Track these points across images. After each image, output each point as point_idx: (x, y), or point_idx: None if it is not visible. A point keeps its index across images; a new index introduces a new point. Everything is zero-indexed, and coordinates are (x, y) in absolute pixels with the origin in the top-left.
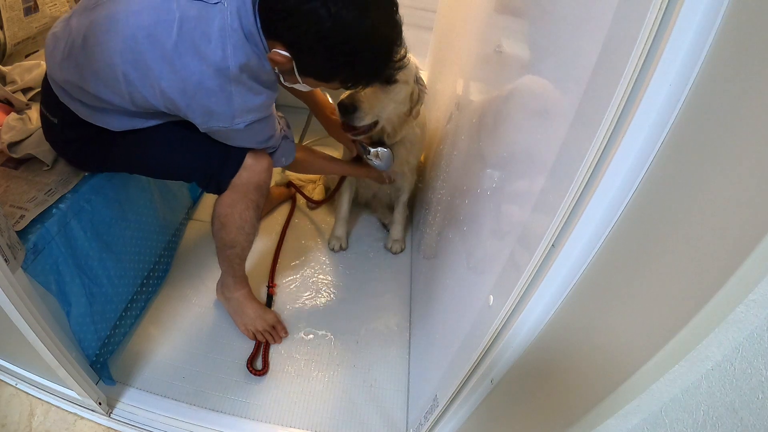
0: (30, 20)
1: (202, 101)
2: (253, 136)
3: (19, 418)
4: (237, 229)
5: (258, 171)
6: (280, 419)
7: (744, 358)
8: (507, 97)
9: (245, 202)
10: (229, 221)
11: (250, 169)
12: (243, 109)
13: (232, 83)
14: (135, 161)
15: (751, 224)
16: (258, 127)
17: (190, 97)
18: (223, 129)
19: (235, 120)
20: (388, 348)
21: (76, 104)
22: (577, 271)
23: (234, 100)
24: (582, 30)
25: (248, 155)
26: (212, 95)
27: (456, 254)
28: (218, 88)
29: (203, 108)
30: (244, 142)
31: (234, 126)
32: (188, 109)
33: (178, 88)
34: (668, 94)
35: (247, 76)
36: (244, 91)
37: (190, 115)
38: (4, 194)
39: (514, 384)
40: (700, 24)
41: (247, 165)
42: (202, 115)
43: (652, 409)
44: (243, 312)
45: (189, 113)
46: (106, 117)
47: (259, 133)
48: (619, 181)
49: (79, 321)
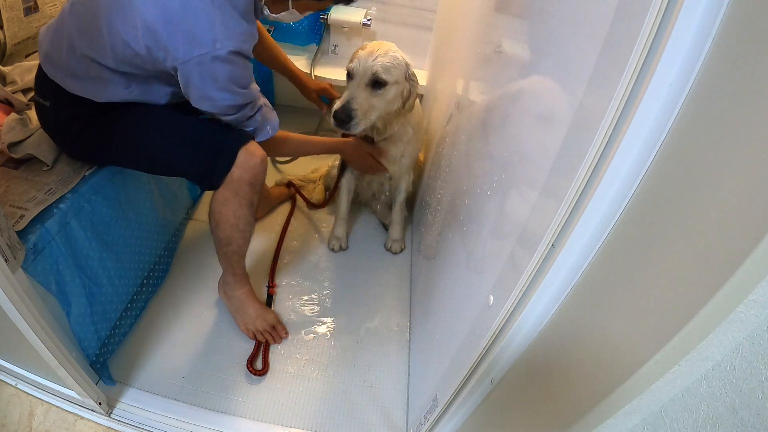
0: (30, 20)
1: (184, 25)
2: (233, 73)
3: (19, 418)
4: (231, 226)
5: (251, 167)
6: (280, 419)
7: (744, 358)
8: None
9: (238, 200)
10: (223, 218)
11: (243, 165)
12: (224, 34)
13: (214, 5)
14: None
15: (751, 224)
16: (239, 63)
17: (174, 24)
18: (205, 58)
19: (217, 45)
20: (388, 348)
21: (66, 78)
22: (577, 271)
23: (215, 22)
24: (582, 30)
25: (241, 151)
26: (195, 16)
27: (456, 254)
28: (201, 9)
29: (185, 33)
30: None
31: (216, 51)
32: (170, 39)
33: (161, 16)
34: (668, 94)
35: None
36: (226, 15)
37: (171, 45)
38: (4, 194)
39: (514, 384)
40: (700, 24)
41: (239, 162)
42: (185, 42)
43: (652, 409)
44: (244, 311)
45: (170, 44)
46: (90, 86)
47: (238, 72)
48: (619, 182)
49: (79, 321)
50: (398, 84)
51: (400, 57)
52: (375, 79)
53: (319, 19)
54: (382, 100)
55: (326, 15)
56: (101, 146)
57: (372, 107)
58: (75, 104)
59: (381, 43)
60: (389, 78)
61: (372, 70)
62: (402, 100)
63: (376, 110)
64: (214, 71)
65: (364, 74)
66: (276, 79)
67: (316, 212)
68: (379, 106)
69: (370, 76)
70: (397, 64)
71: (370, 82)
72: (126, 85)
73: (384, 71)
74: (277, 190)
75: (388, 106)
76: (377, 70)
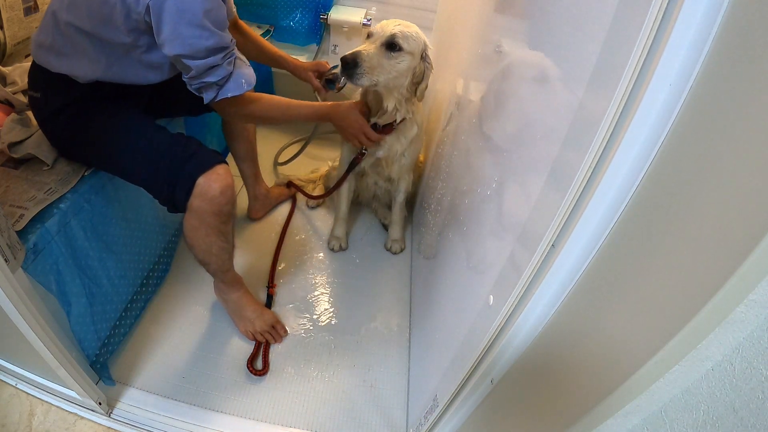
0: (30, 20)
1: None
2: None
3: (19, 418)
4: (203, 251)
5: (210, 198)
6: (280, 419)
7: (744, 358)
8: (507, 98)
9: (205, 228)
10: (195, 244)
11: (202, 196)
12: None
13: None
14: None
15: (751, 224)
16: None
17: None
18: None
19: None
20: (388, 348)
21: (50, 56)
22: (577, 271)
23: None
24: (582, 30)
25: (200, 179)
26: None
27: (456, 254)
28: None
29: None
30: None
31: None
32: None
33: None
34: (668, 94)
35: None
36: None
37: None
38: (4, 194)
39: (514, 384)
40: (700, 24)
41: (197, 191)
42: None
43: (652, 409)
44: (242, 313)
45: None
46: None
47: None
48: (619, 182)
49: (79, 321)
50: (413, 56)
51: (421, 35)
52: (391, 41)
53: (319, 19)
54: (393, 64)
55: (326, 15)
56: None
57: (381, 66)
58: (63, 91)
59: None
60: (405, 45)
61: (391, 32)
62: (413, 78)
63: (384, 72)
64: (187, 6)
65: (383, 35)
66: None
67: (315, 212)
68: (389, 69)
69: (387, 37)
70: (417, 38)
71: (385, 42)
72: (106, 61)
73: (402, 37)
74: (277, 190)
75: (397, 76)
76: (396, 33)
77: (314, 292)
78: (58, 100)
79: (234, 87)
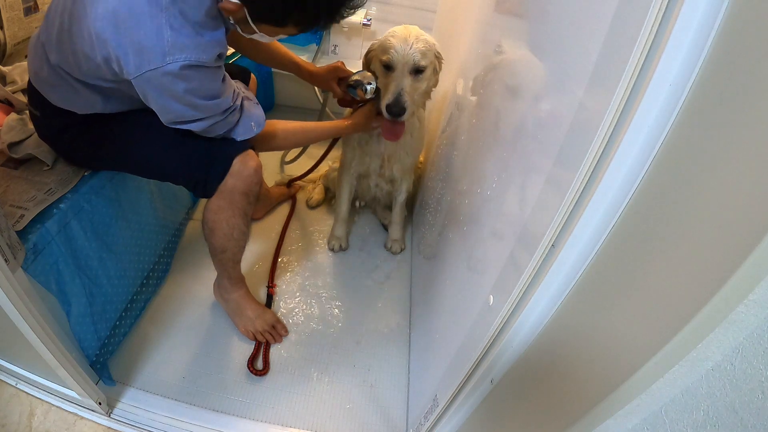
0: (30, 20)
1: (131, 35)
2: (193, 87)
3: (19, 418)
4: (225, 235)
5: (245, 177)
6: (280, 419)
7: (744, 358)
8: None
9: (232, 209)
10: (217, 227)
11: (237, 175)
12: (175, 45)
13: (163, 12)
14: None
15: (751, 224)
16: (197, 76)
17: (121, 33)
18: (157, 73)
19: (167, 58)
20: (388, 348)
21: (47, 89)
22: (577, 271)
23: (164, 33)
24: (582, 30)
25: (235, 160)
26: (141, 25)
27: (456, 254)
28: (148, 16)
29: (134, 44)
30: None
31: (166, 66)
32: (120, 49)
33: (110, 23)
34: (668, 94)
35: (180, 10)
36: (177, 26)
37: (123, 57)
38: (4, 194)
39: (514, 384)
40: (700, 24)
41: (234, 170)
42: (134, 54)
43: (652, 409)
44: (242, 313)
45: (121, 54)
46: (68, 96)
47: (199, 85)
48: (619, 182)
49: (79, 321)
50: (432, 64)
51: (429, 39)
52: (416, 67)
53: None
54: (422, 82)
55: None
56: (94, 154)
57: (415, 91)
58: (62, 114)
59: (407, 28)
60: (426, 62)
61: (413, 60)
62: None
63: (418, 92)
64: (168, 87)
65: (405, 64)
66: (276, 79)
67: (316, 212)
68: (421, 88)
69: (411, 65)
70: (430, 46)
71: (412, 70)
72: (103, 99)
73: (422, 57)
74: (277, 190)
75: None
76: (417, 58)
77: (314, 292)
78: (59, 122)
79: (243, 131)
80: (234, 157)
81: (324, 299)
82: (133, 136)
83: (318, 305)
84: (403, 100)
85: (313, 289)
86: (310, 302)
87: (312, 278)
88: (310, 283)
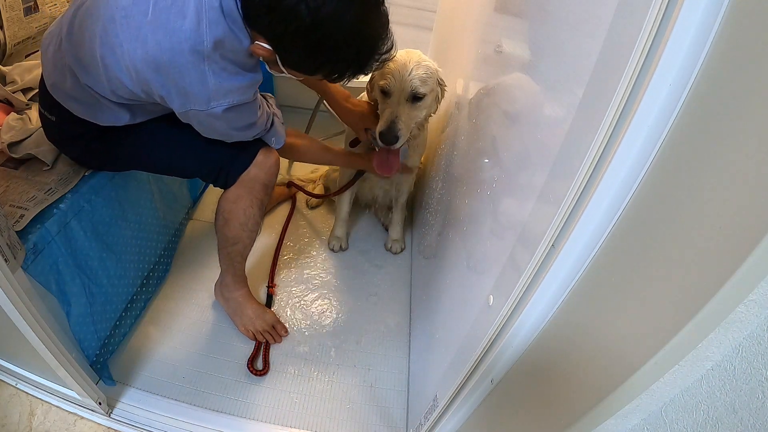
0: (30, 20)
1: (175, 81)
2: (232, 122)
3: (19, 418)
4: (240, 225)
5: (267, 168)
6: (280, 419)
7: (744, 358)
8: (507, 98)
9: (250, 198)
10: (233, 217)
11: (260, 165)
12: (219, 91)
13: (206, 61)
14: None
15: (751, 224)
16: (237, 114)
17: (164, 77)
18: (201, 114)
19: (211, 103)
20: (388, 348)
21: (69, 101)
22: (577, 271)
23: (208, 80)
24: (582, 30)
25: (260, 151)
26: (185, 74)
27: (456, 254)
28: (191, 65)
29: (177, 88)
30: (223, 128)
31: (210, 109)
32: (163, 90)
33: (151, 66)
34: (668, 94)
35: (221, 55)
36: (219, 71)
37: (167, 97)
38: (4, 194)
39: (514, 384)
40: (700, 24)
41: (258, 161)
42: (179, 97)
43: (652, 409)
44: (242, 312)
45: (165, 95)
46: (94, 111)
47: (238, 119)
48: (619, 182)
49: (79, 321)
50: (433, 92)
51: (431, 65)
52: (414, 94)
53: None
54: (420, 110)
55: None
56: (110, 158)
57: (412, 119)
58: (81, 123)
59: (408, 53)
60: (426, 90)
61: (411, 87)
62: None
63: (415, 121)
64: (211, 124)
65: (402, 90)
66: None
67: (316, 212)
68: (419, 116)
69: (409, 92)
70: (431, 74)
71: (409, 97)
72: (130, 114)
73: (421, 84)
74: (278, 189)
75: (427, 112)
76: (416, 85)
77: (314, 292)
78: (76, 130)
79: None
80: (260, 149)
81: (324, 299)
82: (153, 135)
83: (318, 305)
84: (397, 129)
85: (314, 289)
86: (311, 302)
87: (312, 278)
88: (310, 283)
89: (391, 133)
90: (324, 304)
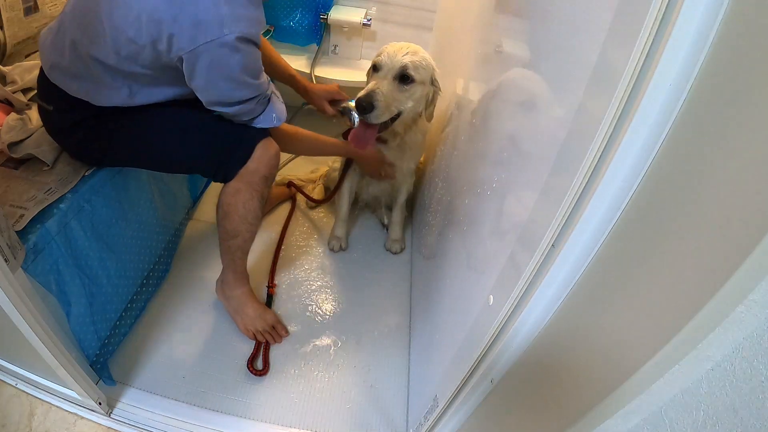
0: (30, 20)
1: (188, 9)
2: (244, 59)
3: (19, 418)
4: (240, 218)
5: (266, 161)
6: (280, 419)
7: (744, 358)
8: (507, 98)
9: (250, 192)
10: (233, 210)
11: (259, 159)
12: (231, 16)
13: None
14: (138, 154)
15: (751, 224)
16: (248, 51)
17: (177, 7)
18: (212, 45)
19: (224, 29)
20: (388, 348)
21: (67, 80)
22: (577, 271)
23: (220, 3)
24: (582, 30)
25: (258, 145)
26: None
27: (456, 254)
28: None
29: (191, 18)
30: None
31: (223, 37)
32: (174, 24)
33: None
34: (668, 94)
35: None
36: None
37: (178, 34)
38: (4, 194)
39: (514, 384)
40: (700, 24)
41: (256, 155)
42: (190, 28)
43: (652, 409)
44: (243, 311)
45: (176, 31)
46: (93, 88)
47: (248, 57)
48: (619, 182)
49: (79, 321)
50: (424, 85)
51: (429, 59)
52: (403, 72)
53: (319, 19)
54: (407, 96)
55: (326, 15)
56: (108, 149)
57: (395, 100)
58: (79, 108)
59: (409, 44)
60: (417, 76)
61: (401, 63)
62: (425, 104)
63: (398, 105)
64: (222, 59)
65: (392, 67)
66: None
67: (316, 212)
68: (403, 101)
69: (398, 69)
70: (426, 66)
71: (397, 75)
72: (129, 91)
73: (413, 67)
74: (277, 190)
75: (413, 106)
76: (407, 64)
77: (314, 292)
78: (74, 115)
79: (264, 120)
80: (258, 141)
81: (324, 299)
82: (150, 125)
83: (318, 305)
84: (375, 98)
85: (313, 289)
86: (310, 302)
87: (312, 278)
88: (310, 283)
89: (367, 99)
90: (324, 304)
